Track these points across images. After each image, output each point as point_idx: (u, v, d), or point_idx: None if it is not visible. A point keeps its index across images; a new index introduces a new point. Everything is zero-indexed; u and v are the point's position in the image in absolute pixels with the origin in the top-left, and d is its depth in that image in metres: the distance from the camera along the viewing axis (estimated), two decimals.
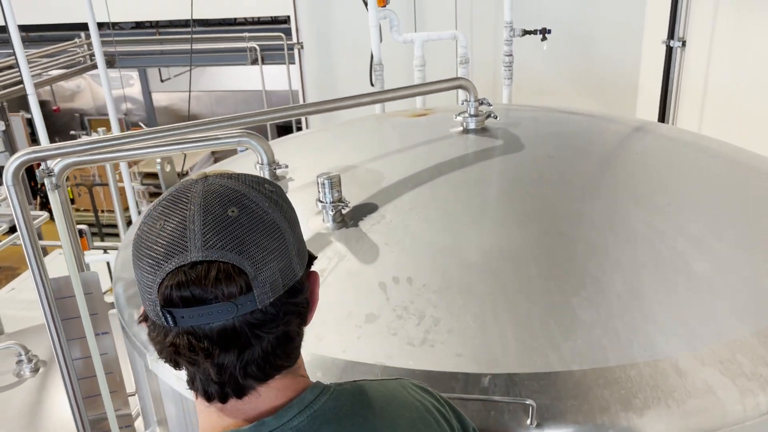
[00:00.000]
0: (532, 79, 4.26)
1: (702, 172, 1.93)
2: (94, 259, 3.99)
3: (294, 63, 6.28)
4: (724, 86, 3.59)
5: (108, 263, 3.98)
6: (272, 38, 6.63)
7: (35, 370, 3.08)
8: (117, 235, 8.45)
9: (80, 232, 3.95)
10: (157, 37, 7.38)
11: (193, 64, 7.66)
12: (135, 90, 10.68)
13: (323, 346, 1.41)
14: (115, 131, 3.80)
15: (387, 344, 1.38)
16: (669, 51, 4.07)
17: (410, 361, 1.34)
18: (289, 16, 6.78)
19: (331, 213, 1.71)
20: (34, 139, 10.16)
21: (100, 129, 3.54)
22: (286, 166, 2.02)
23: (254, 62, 6.86)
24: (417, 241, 1.62)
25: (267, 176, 2.02)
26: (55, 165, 1.79)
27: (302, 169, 2.06)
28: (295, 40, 5.36)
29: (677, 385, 1.25)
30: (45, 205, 9.29)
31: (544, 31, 3.23)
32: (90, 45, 7.26)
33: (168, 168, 2.34)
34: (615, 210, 1.67)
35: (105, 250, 4.28)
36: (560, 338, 1.34)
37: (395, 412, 0.94)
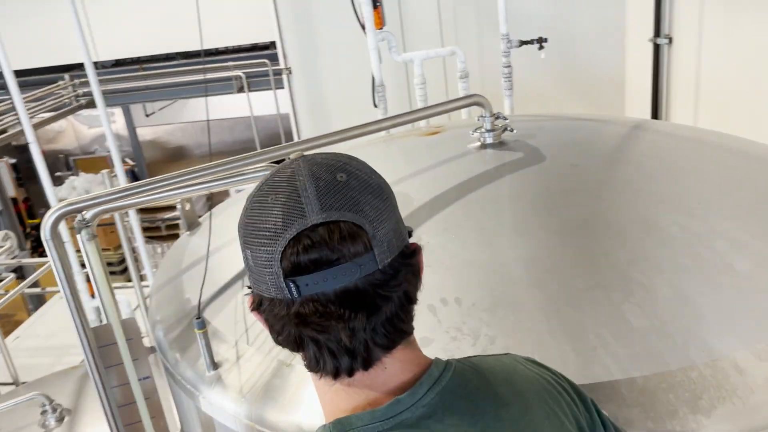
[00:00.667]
0: (521, 87, 4.29)
1: (724, 170, 1.97)
2: None
3: (282, 87, 6.31)
4: (717, 79, 3.65)
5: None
6: (257, 65, 6.66)
7: (60, 419, 3.05)
8: (115, 272, 8.40)
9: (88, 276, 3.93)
10: (141, 73, 7.38)
11: (181, 96, 7.68)
12: (119, 126, 10.65)
13: None
14: (118, 169, 3.79)
15: None
16: (656, 48, 4.15)
17: None
18: (273, 42, 6.83)
19: None
20: (20, 184, 10.09)
21: (104, 171, 3.53)
22: None
23: (240, 90, 6.87)
24: (458, 261, 1.64)
25: None
26: (86, 214, 1.80)
27: None
28: (282, 65, 5.39)
29: (739, 382, 1.28)
30: (36, 249, 9.22)
31: (541, 40, 3.28)
32: (75, 86, 7.29)
33: (188, 206, 2.35)
34: (648, 214, 1.70)
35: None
36: (617, 346, 1.36)
37: (520, 386, 0.92)
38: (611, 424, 1.00)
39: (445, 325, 1.48)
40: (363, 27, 3.01)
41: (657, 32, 4.10)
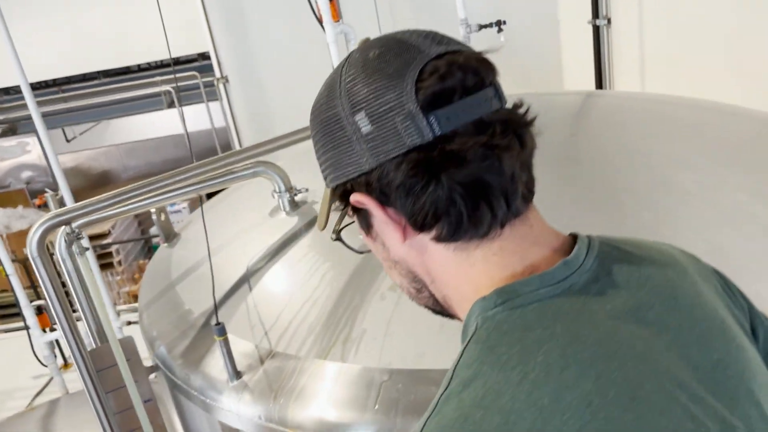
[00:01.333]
0: None
1: (712, 128, 2.00)
2: None
3: (216, 100, 6.13)
4: (660, 55, 3.76)
5: None
6: (187, 78, 6.45)
7: None
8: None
9: (39, 308, 3.66)
10: (61, 95, 7.02)
11: (107, 116, 7.35)
12: (34, 156, 10.10)
13: (429, 361, 1.35)
14: (64, 190, 3.54)
15: None
16: (596, 29, 4.25)
17: None
18: (202, 54, 6.63)
19: None
20: None
21: (48, 194, 3.29)
22: (306, 190, 1.94)
23: (171, 105, 6.64)
24: None
25: (286, 204, 1.93)
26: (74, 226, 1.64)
27: (320, 191, 1.98)
28: (218, 74, 5.22)
29: None
30: None
31: (500, 23, 3.27)
32: None
33: (163, 217, 2.20)
34: (662, 175, 1.69)
35: None
36: None
37: (680, 257, 0.80)
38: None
39: None
40: (320, 21, 2.92)
41: (596, 14, 4.20)
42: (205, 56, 6.75)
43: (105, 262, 8.60)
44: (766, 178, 1.66)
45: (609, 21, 4.19)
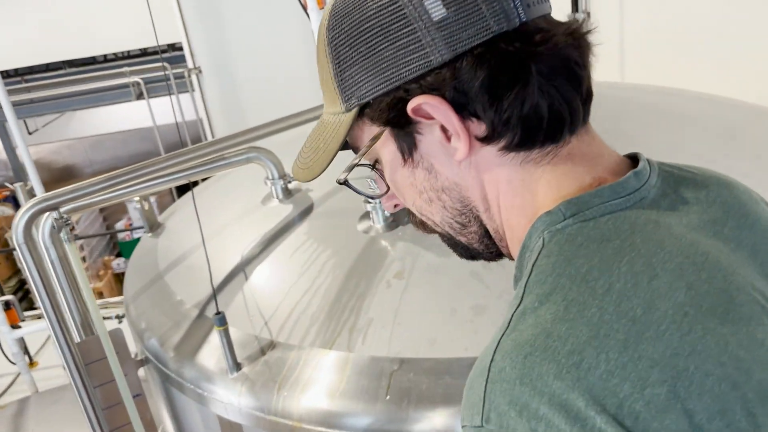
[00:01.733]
0: None
1: (716, 118, 2.00)
2: (36, 328, 3.55)
3: (186, 92, 6.00)
4: (639, 46, 3.79)
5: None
6: (157, 69, 6.30)
7: None
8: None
9: (7, 303, 3.52)
10: (24, 86, 6.79)
11: (72, 107, 7.15)
12: None
13: (441, 348, 1.31)
14: (34, 180, 3.40)
15: None
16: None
17: None
18: (172, 45, 6.49)
19: (382, 213, 1.61)
20: None
21: (17, 185, 3.16)
22: None
23: (139, 97, 6.48)
24: None
25: (279, 192, 1.87)
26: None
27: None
28: (190, 65, 5.10)
29: None
30: None
31: None
32: None
33: (147, 206, 2.13)
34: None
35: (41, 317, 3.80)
36: None
37: (737, 182, 0.75)
38: None
39: (495, 291, 1.39)
40: (304, 8, 2.86)
41: (575, 8, 4.21)
42: (175, 47, 6.61)
43: None
44: (763, 165, 1.67)
45: (588, 15, 4.20)
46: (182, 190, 8.00)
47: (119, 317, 3.74)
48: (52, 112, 7.68)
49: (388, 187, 0.75)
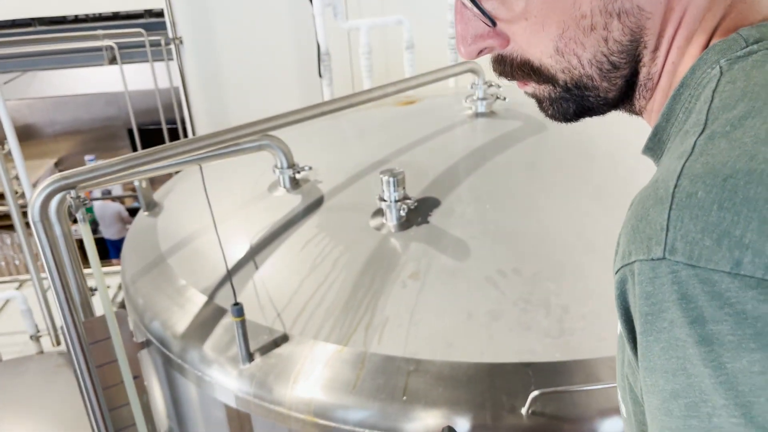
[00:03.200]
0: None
1: None
2: (6, 296, 3.45)
3: (162, 60, 5.86)
4: None
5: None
6: (132, 35, 6.13)
7: None
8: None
9: None
10: None
11: (40, 66, 6.92)
12: None
13: (457, 351, 1.34)
14: (16, 153, 3.29)
15: (525, 340, 1.34)
16: None
17: (557, 354, 1.31)
18: (148, 11, 6.33)
19: (396, 212, 1.62)
20: None
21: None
22: (310, 168, 1.88)
23: (112, 62, 6.31)
24: (504, 230, 1.58)
25: (287, 181, 1.87)
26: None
27: (319, 169, 1.92)
28: (171, 35, 4.98)
29: None
30: None
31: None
32: None
33: (144, 184, 2.09)
34: None
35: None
36: None
37: None
38: None
39: (511, 297, 1.42)
40: None
41: None
42: (152, 13, 6.45)
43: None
44: None
45: None
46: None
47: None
48: (18, 70, 7.42)
49: (493, 22, 0.61)
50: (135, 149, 8.53)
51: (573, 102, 0.64)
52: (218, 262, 1.63)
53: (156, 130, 7.37)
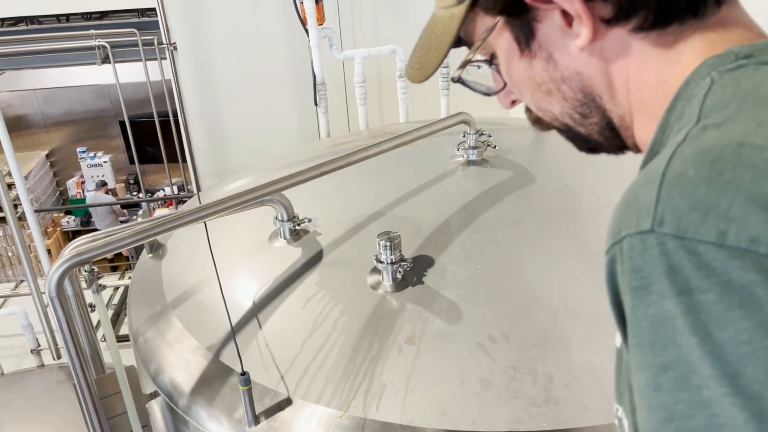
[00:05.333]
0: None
1: None
2: (8, 311, 3.52)
3: (155, 59, 5.89)
4: None
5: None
6: (124, 34, 6.14)
7: None
8: None
9: None
10: None
11: (31, 65, 6.91)
12: None
13: (450, 420, 1.43)
14: (6, 148, 3.33)
15: (513, 409, 1.44)
16: None
17: (543, 423, 1.41)
18: (139, 10, 6.32)
19: (392, 273, 1.71)
20: None
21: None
22: (309, 220, 1.96)
23: (105, 61, 6.31)
24: (493, 293, 1.67)
25: (287, 233, 1.95)
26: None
27: (318, 219, 2.01)
28: (165, 40, 5.00)
29: None
30: None
31: None
32: None
33: None
34: None
35: None
36: None
37: None
38: None
39: (500, 364, 1.51)
40: (303, 23, 2.88)
41: None
42: (143, 12, 6.44)
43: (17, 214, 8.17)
44: None
45: None
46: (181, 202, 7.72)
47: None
48: (8, 69, 7.40)
49: (505, 83, 0.73)
50: (127, 142, 8.56)
51: (580, 140, 0.73)
52: (223, 317, 1.72)
53: (148, 122, 7.40)
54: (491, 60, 0.72)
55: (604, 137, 0.70)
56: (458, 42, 0.70)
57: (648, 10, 0.58)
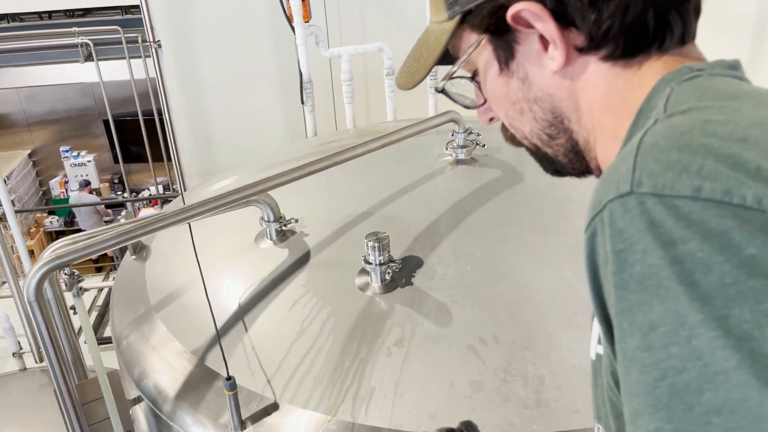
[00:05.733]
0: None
1: None
2: None
3: (139, 57, 5.83)
4: None
5: None
6: (107, 32, 6.07)
7: None
8: None
9: None
10: None
11: (13, 63, 6.82)
12: None
13: (440, 423, 1.41)
14: None
15: (504, 411, 1.41)
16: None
17: (534, 426, 1.39)
18: (122, 7, 6.25)
19: (381, 275, 1.68)
20: None
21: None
22: (296, 221, 1.93)
23: (88, 58, 6.24)
24: (483, 294, 1.65)
25: (273, 233, 1.92)
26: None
27: (305, 219, 1.98)
28: (149, 38, 4.94)
29: None
30: None
31: None
32: None
33: None
34: None
35: None
36: None
37: None
38: None
39: (491, 366, 1.49)
40: (289, 21, 2.84)
41: None
42: (127, 10, 6.37)
43: None
44: None
45: None
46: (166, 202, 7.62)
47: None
48: None
49: (485, 100, 0.78)
50: (111, 141, 8.48)
51: (546, 161, 0.78)
52: (208, 320, 1.68)
53: (132, 121, 7.32)
54: (474, 76, 0.77)
55: (569, 159, 0.75)
56: (446, 56, 0.74)
57: (617, 42, 0.64)
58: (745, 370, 0.43)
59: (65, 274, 1.44)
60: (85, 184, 8.48)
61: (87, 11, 6.52)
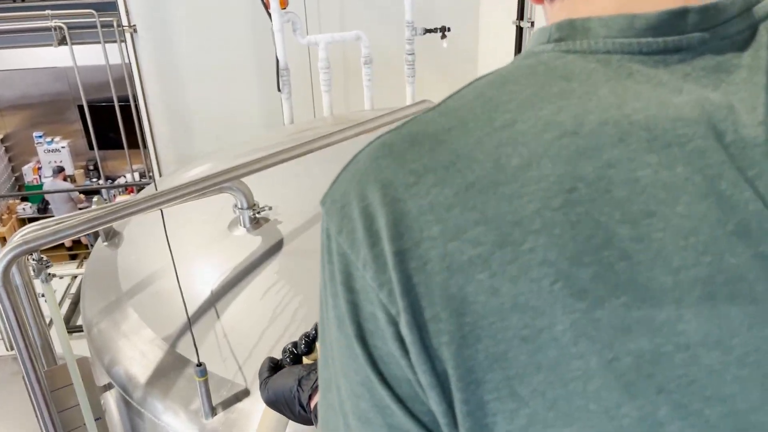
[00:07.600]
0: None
1: None
2: None
3: (114, 41, 5.75)
4: None
5: None
6: (82, 15, 5.98)
7: None
8: None
9: None
10: None
11: None
12: None
13: None
14: None
15: None
16: (519, 30, 4.40)
17: None
18: None
19: None
20: None
21: None
22: (270, 208, 1.93)
23: (62, 42, 6.14)
24: None
25: (247, 221, 1.91)
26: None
27: (279, 207, 1.97)
28: (125, 22, 4.87)
29: None
30: None
31: (444, 29, 3.30)
32: None
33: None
34: None
35: None
36: None
37: None
38: None
39: None
40: (266, 7, 2.82)
41: (521, 16, 4.33)
42: None
43: None
44: None
45: (533, 24, 4.34)
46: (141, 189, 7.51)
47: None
48: None
49: None
50: (86, 127, 8.35)
51: None
52: (180, 308, 1.67)
53: (108, 107, 7.22)
54: None
55: None
56: None
57: None
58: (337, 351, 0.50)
59: (33, 260, 1.43)
60: (59, 170, 8.35)
61: None
